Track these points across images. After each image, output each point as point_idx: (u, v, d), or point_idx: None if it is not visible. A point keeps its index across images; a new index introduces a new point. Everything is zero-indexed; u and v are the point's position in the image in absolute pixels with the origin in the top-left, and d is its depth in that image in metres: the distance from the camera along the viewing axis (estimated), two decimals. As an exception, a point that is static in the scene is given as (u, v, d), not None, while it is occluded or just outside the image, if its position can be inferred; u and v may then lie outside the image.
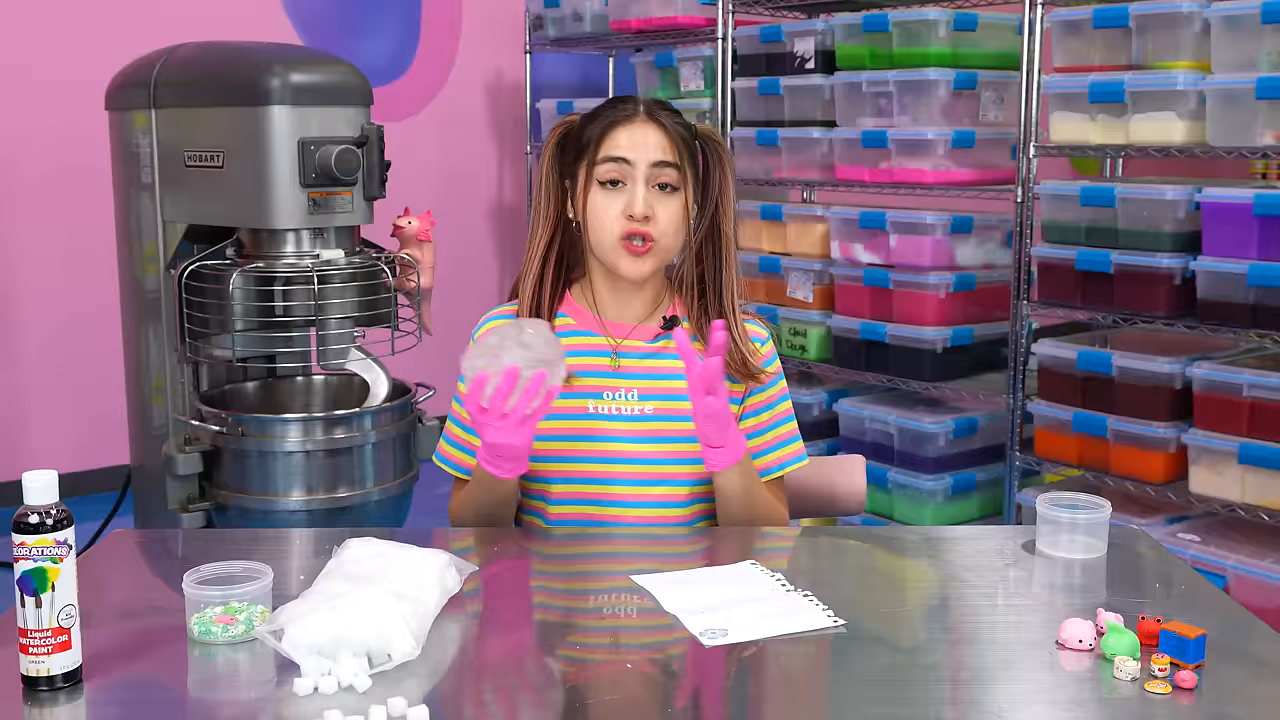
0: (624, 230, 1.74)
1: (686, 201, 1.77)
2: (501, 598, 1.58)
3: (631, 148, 1.75)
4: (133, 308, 3.01)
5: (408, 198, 3.16)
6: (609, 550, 1.75)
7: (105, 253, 3.17)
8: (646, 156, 1.74)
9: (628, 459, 1.78)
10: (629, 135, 1.75)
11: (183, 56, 2.88)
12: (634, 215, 1.73)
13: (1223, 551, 3.08)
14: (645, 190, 1.74)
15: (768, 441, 1.86)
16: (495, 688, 1.31)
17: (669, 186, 1.75)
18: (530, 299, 1.82)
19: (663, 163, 1.75)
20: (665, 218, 1.75)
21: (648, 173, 1.74)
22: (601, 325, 1.84)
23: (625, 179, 1.75)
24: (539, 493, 1.82)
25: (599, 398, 1.80)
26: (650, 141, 1.75)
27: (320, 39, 4.77)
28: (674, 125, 1.77)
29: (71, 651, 1.26)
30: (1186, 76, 3.11)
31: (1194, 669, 1.30)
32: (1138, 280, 3.20)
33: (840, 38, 3.88)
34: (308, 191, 2.65)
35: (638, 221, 1.73)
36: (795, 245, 4.07)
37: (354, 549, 1.49)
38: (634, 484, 1.79)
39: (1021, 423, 3.53)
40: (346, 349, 2.77)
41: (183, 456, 2.67)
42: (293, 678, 1.26)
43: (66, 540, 1.24)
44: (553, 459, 1.79)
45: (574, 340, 1.82)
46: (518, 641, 1.44)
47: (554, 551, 1.76)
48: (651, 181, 1.75)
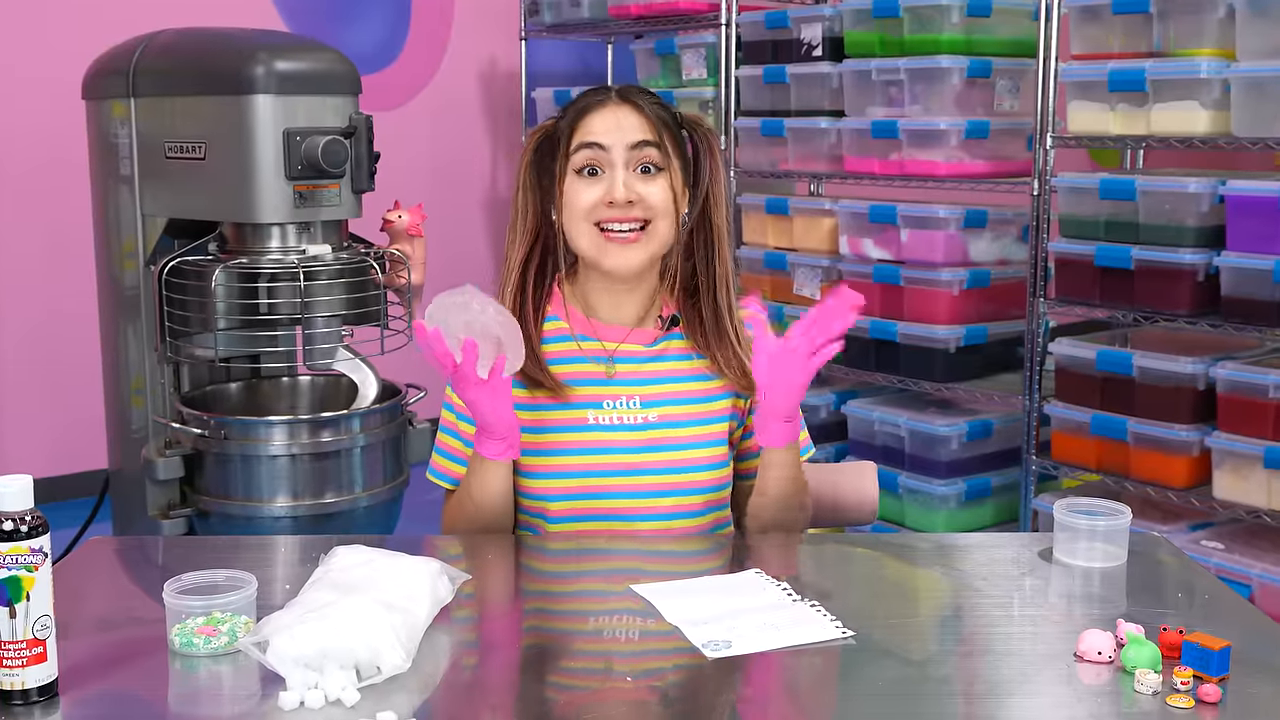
0: (602, 219, 1.69)
1: (673, 184, 1.72)
2: (495, 607, 1.58)
3: (606, 132, 1.70)
4: (111, 306, 3.01)
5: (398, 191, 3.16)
6: (608, 558, 1.74)
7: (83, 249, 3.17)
8: (623, 139, 1.70)
9: (634, 470, 1.74)
10: (602, 120, 1.71)
11: (163, 43, 2.88)
12: (615, 200, 1.68)
13: (1248, 560, 3.09)
14: (626, 173, 1.70)
15: None
16: (489, 702, 1.31)
17: (653, 167, 1.71)
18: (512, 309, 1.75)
19: (642, 143, 1.70)
20: (652, 198, 1.70)
21: (627, 155, 1.70)
22: (593, 328, 1.79)
23: (603, 165, 1.70)
24: (538, 510, 1.77)
25: (598, 407, 1.76)
26: (626, 123, 1.70)
27: (306, 25, 4.77)
28: (651, 106, 1.73)
29: (47, 664, 1.26)
30: (1210, 64, 3.11)
31: (1218, 682, 1.30)
32: (1159, 277, 3.20)
33: (849, 24, 3.88)
34: (293, 184, 2.65)
35: (619, 207, 1.68)
36: (802, 240, 4.07)
37: (342, 557, 1.49)
38: (643, 496, 1.75)
39: (1038, 425, 3.53)
40: (334, 348, 2.77)
41: (163, 461, 2.67)
42: (278, 691, 1.26)
43: (42, 548, 1.24)
44: (552, 475, 1.74)
45: (565, 346, 1.79)
46: (512, 653, 1.44)
47: (551, 560, 1.76)
48: (632, 164, 1.70)
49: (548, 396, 1.75)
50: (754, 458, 1.82)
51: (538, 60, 5.19)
